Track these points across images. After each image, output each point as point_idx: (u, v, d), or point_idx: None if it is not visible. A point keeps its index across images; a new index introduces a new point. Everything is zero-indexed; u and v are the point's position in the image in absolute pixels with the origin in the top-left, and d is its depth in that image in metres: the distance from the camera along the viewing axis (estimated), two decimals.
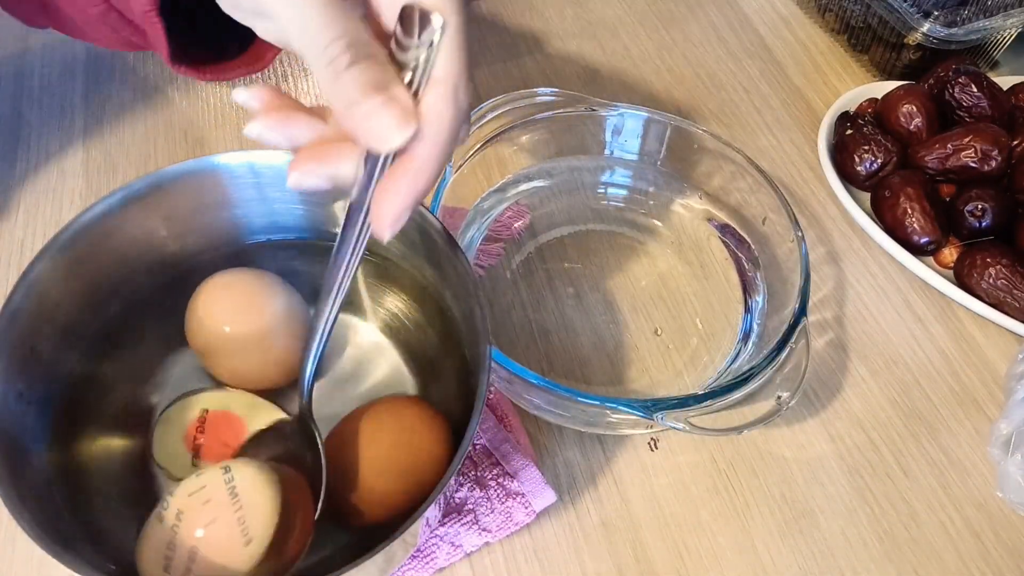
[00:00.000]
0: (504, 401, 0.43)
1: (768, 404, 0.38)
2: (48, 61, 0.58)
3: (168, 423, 0.37)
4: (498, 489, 0.39)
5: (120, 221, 0.36)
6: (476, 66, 0.60)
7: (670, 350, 0.46)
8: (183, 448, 0.36)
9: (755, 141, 0.58)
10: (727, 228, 0.50)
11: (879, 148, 0.53)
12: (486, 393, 0.32)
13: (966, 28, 0.57)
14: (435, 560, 0.38)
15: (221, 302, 0.37)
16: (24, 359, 0.33)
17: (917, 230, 0.50)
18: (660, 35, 0.65)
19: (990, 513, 0.42)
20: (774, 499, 0.41)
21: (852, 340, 0.48)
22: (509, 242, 0.50)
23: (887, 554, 0.40)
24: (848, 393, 0.46)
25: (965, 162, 0.51)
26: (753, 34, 0.66)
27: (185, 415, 0.37)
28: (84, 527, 0.32)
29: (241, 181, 0.38)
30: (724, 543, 0.40)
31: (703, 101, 0.60)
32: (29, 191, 0.51)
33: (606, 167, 0.53)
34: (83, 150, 0.53)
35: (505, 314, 0.47)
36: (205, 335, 0.37)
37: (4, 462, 0.29)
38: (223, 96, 0.57)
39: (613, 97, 0.59)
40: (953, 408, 0.46)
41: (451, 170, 0.45)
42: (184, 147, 0.54)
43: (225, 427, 0.37)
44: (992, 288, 0.48)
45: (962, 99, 0.54)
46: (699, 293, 0.49)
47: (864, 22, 0.62)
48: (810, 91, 0.62)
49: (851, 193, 0.53)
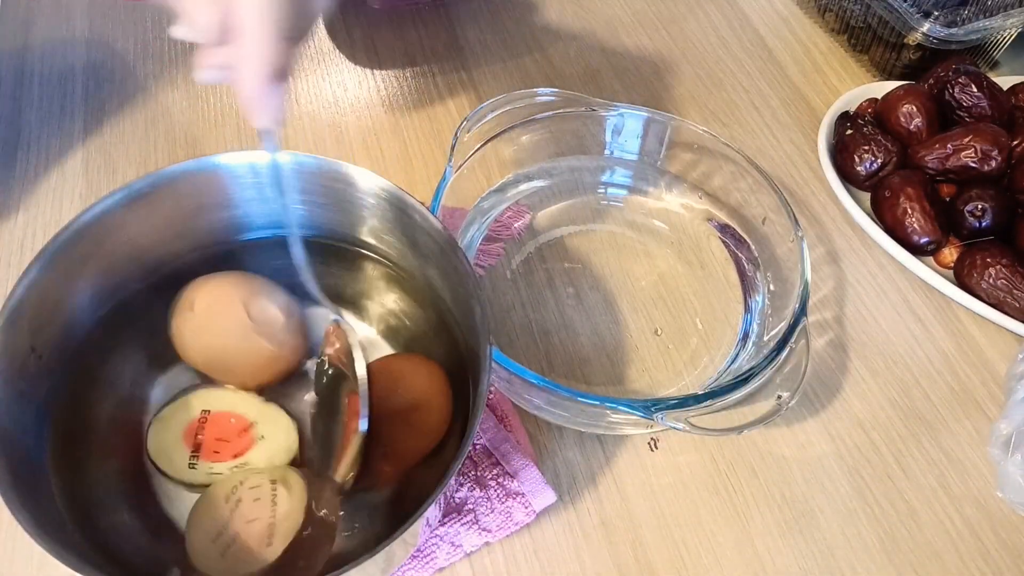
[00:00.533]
0: (504, 401, 0.43)
1: (768, 404, 0.38)
2: (48, 61, 0.58)
3: (164, 422, 0.37)
4: (498, 489, 0.39)
5: (120, 221, 0.36)
6: (475, 67, 0.60)
7: (670, 350, 0.46)
8: (181, 446, 0.36)
9: (755, 141, 0.58)
10: (727, 228, 0.50)
11: (879, 148, 0.53)
12: (486, 393, 0.32)
13: (966, 28, 0.57)
14: (435, 560, 0.38)
15: (202, 314, 0.37)
16: (24, 359, 0.33)
17: (917, 230, 0.50)
18: (660, 35, 0.65)
19: (990, 513, 0.42)
20: (774, 499, 0.41)
21: (852, 340, 0.48)
22: (509, 242, 0.50)
23: (887, 554, 0.40)
24: (848, 393, 0.46)
25: (965, 162, 0.51)
26: (753, 34, 0.66)
27: (182, 414, 0.37)
28: (84, 526, 0.32)
29: (241, 181, 0.38)
30: (724, 543, 0.40)
31: (703, 101, 0.60)
32: (29, 191, 0.51)
33: (606, 167, 0.53)
34: (83, 150, 0.53)
35: (505, 314, 0.47)
36: (194, 350, 0.38)
37: (4, 462, 0.29)
38: (223, 96, 0.57)
39: (613, 97, 0.59)
40: (953, 408, 0.46)
41: (451, 170, 0.45)
42: (184, 147, 0.54)
43: (226, 426, 0.37)
44: (992, 288, 0.48)
45: (962, 99, 0.54)
46: (699, 293, 0.49)
47: (864, 22, 0.62)
48: (810, 91, 0.62)
49: (851, 193, 0.53)
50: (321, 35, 0.62)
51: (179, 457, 0.36)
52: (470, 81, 0.60)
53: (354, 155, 0.54)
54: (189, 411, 0.37)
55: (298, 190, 0.38)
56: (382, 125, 0.56)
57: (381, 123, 0.56)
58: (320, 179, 0.38)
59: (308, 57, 0.60)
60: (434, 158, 0.54)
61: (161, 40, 0.61)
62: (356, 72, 0.60)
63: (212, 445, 0.36)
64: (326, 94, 0.58)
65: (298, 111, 0.57)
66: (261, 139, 0.32)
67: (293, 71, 0.31)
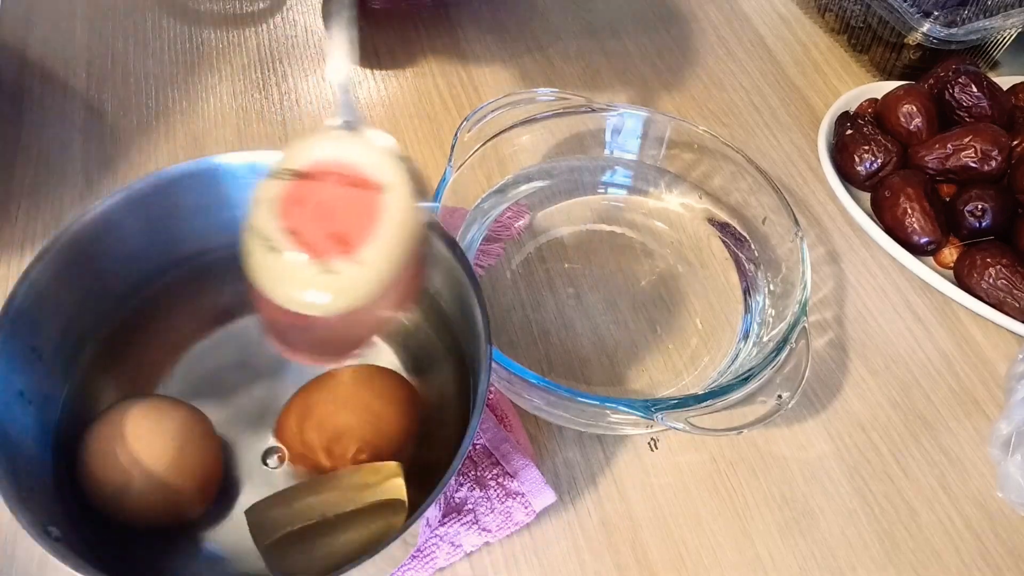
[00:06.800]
0: (504, 401, 0.43)
1: (768, 404, 0.38)
2: (48, 61, 0.58)
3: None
4: (498, 489, 0.39)
5: (120, 221, 0.36)
6: (475, 67, 0.60)
7: (670, 350, 0.46)
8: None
9: (755, 141, 0.58)
10: (727, 228, 0.50)
11: (879, 148, 0.53)
12: (486, 393, 0.32)
13: (966, 28, 0.57)
14: (435, 560, 0.38)
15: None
16: (24, 359, 0.33)
17: (917, 230, 0.50)
18: (660, 35, 0.65)
19: (990, 513, 0.42)
20: (774, 499, 0.41)
21: (852, 340, 0.48)
22: (509, 242, 0.50)
23: (887, 554, 0.40)
24: (848, 393, 0.46)
25: (965, 162, 0.51)
26: (753, 34, 0.66)
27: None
28: (84, 526, 0.33)
29: (241, 181, 0.38)
30: (724, 543, 0.40)
31: (703, 101, 0.60)
32: (29, 191, 0.51)
33: (606, 167, 0.53)
34: (83, 150, 0.53)
35: (505, 314, 0.47)
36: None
37: (4, 462, 0.30)
38: (223, 96, 0.57)
39: (613, 97, 0.59)
40: (953, 408, 0.46)
41: (451, 170, 0.45)
42: (184, 147, 0.54)
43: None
44: (992, 288, 0.48)
45: (962, 99, 0.54)
46: (699, 293, 0.49)
47: (864, 22, 0.62)
48: (810, 91, 0.62)
49: (851, 193, 0.53)
50: (321, 35, 0.62)
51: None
52: (470, 81, 0.60)
53: None
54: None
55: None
56: (382, 125, 0.56)
57: (381, 123, 0.56)
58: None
59: (308, 57, 0.60)
60: (434, 158, 0.54)
61: (161, 40, 0.61)
62: (356, 72, 0.60)
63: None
64: (326, 94, 0.58)
65: (298, 111, 0.57)
66: None
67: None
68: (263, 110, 0.57)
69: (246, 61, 0.60)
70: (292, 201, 0.29)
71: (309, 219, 0.29)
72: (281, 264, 0.28)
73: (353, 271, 0.28)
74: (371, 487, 0.34)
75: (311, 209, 0.29)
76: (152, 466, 0.33)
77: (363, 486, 0.34)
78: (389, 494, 0.34)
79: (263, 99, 0.57)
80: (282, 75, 0.59)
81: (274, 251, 0.28)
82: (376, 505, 0.34)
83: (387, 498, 0.34)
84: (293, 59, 0.60)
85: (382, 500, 0.34)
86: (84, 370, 0.37)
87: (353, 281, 0.28)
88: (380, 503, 0.34)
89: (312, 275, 0.28)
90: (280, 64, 0.60)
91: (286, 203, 0.29)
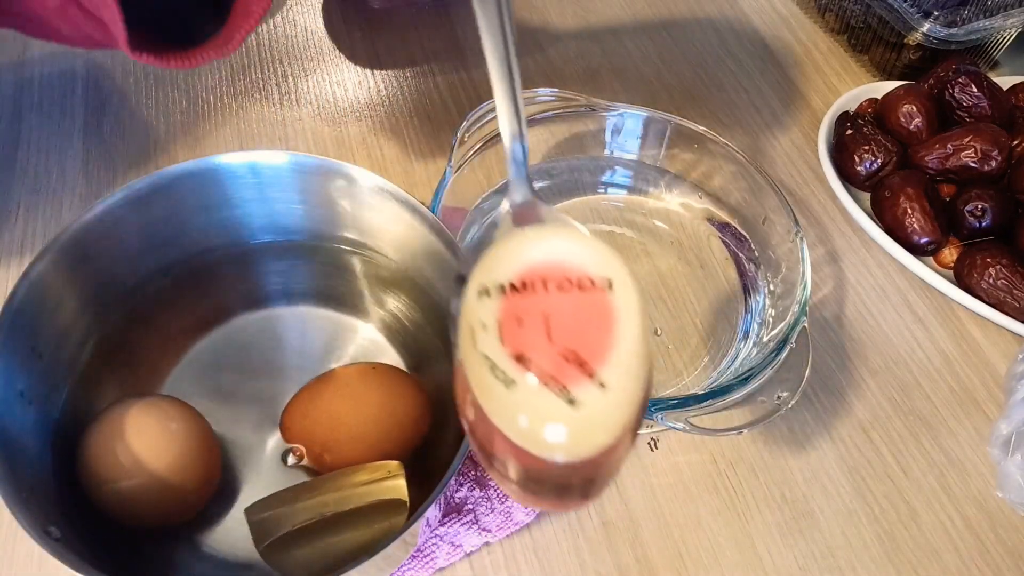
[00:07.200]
0: None
1: (768, 404, 0.38)
2: (48, 62, 0.58)
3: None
4: (498, 489, 0.39)
5: (120, 221, 0.36)
6: (475, 67, 0.60)
7: (670, 350, 0.46)
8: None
9: (755, 141, 0.58)
10: (727, 228, 0.50)
11: (879, 148, 0.53)
12: None
13: (966, 28, 0.57)
14: (435, 560, 0.38)
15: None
16: (24, 359, 0.33)
17: (917, 230, 0.50)
18: (660, 35, 0.65)
19: (990, 513, 0.42)
20: (774, 499, 0.41)
21: (852, 340, 0.48)
22: None
23: (887, 554, 0.40)
24: (848, 393, 0.46)
25: (965, 162, 0.51)
26: (753, 34, 0.66)
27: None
28: (84, 526, 0.32)
29: (241, 181, 0.38)
30: (724, 543, 0.40)
31: (703, 101, 0.60)
32: (29, 191, 0.51)
33: (606, 167, 0.53)
34: (83, 150, 0.53)
35: None
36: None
37: (4, 462, 0.29)
38: (223, 96, 0.57)
39: (613, 97, 0.59)
40: (953, 408, 0.46)
41: (451, 170, 0.45)
42: (184, 147, 0.54)
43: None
44: (992, 288, 0.48)
45: (962, 99, 0.54)
46: (699, 293, 0.49)
47: (864, 22, 0.62)
48: (810, 91, 0.62)
49: (851, 193, 0.53)
50: (321, 35, 0.62)
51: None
52: (470, 81, 0.60)
53: (354, 155, 0.54)
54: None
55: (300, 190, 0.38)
56: (382, 125, 0.56)
57: (381, 123, 0.56)
58: (320, 179, 0.38)
59: (308, 57, 0.60)
60: (434, 158, 0.54)
61: None
62: (356, 72, 0.60)
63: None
64: (326, 94, 0.58)
65: (298, 111, 0.57)
66: None
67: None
68: (263, 110, 0.57)
69: (246, 61, 0.60)
70: (512, 319, 0.24)
71: (536, 339, 0.23)
72: (515, 399, 0.23)
73: (600, 399, 0.22)
74: (372, 486, 0.34)
75: (536, 326, 0.23)
76: (152, 465, 0.33)
77: (364, 485, 0.34)
78: (390, 494, 0.34)
79: (263, 99, 0.57)
80: (282, 75, 0.59)
81: (510, 383, 0.23)
82: (377, 505, 0.34)
83: (388, 498, 0.34)
84: (293, 59, 0.60)
85: (383, 500, 0.34)
86: (84, 370, 0.36)
87: (603, 412, 0.22)
88: (381, 503, 0.34)
89: (553, 409, 0.22)
90: (280, 64, 0.60)
91: (506, 323, 0.23)
